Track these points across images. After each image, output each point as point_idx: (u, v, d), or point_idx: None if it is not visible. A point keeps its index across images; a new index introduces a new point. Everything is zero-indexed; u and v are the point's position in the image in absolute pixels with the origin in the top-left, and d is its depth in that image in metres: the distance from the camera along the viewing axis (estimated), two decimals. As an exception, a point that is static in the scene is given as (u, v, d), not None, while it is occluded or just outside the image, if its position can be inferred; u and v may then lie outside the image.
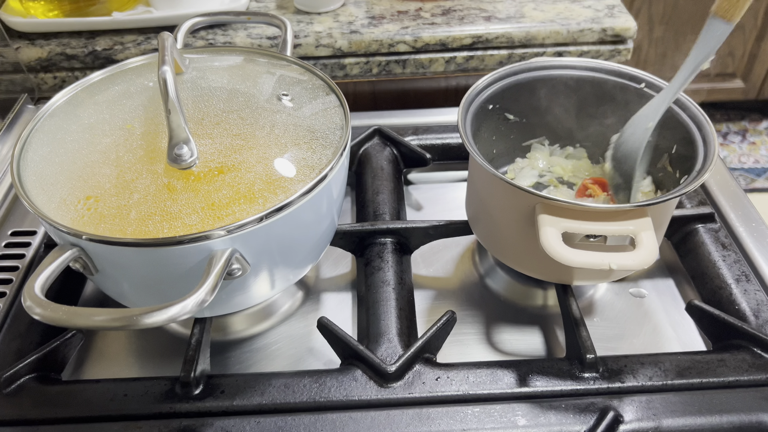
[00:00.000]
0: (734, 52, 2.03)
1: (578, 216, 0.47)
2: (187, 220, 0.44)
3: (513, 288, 0.61)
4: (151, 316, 0.38)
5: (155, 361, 0.56)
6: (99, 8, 0.85)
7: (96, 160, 0.48)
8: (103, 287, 0.51)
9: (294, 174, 0.48)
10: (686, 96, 0.55)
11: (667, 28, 1.97)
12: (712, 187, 0.68)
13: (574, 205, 0.47)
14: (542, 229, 0.47)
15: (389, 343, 0.52)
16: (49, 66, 0.82)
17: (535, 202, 0.48)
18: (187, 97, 0.53)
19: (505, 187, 0.50)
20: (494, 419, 0.48)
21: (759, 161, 2.15)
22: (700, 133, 0.53)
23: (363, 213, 0.65)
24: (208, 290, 0.40)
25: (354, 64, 0.83)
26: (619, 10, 0.86)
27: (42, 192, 0.47)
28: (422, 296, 0.61)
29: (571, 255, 0.45)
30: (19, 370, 0.50)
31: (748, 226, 0.63)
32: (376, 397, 0.49)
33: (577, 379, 0.50)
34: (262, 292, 0.52)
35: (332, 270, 0.64)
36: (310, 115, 0.53)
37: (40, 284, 0.41)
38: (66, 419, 0.49)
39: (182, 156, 0.46)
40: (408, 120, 0.79)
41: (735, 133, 2.25)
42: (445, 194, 0.73)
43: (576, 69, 0.60)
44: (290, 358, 0.56)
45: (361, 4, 0.89)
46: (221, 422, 0.48)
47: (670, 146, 0.57)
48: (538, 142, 0.65)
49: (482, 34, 0.83)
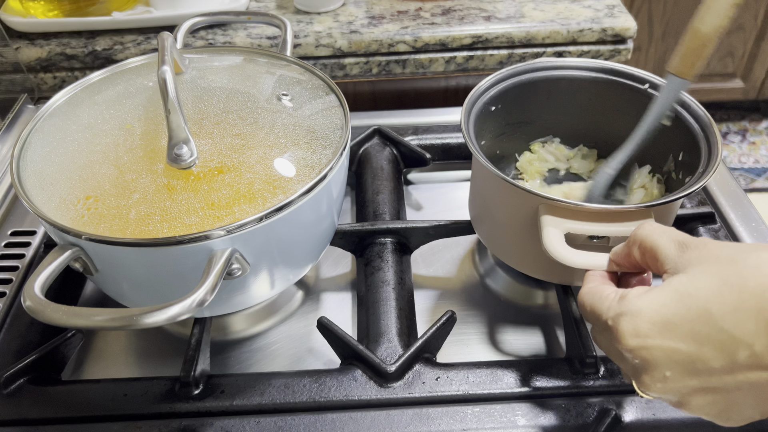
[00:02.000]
0: (734, 52, 2.03)
1: (581, 217, 0.47)
2: (186, 220, 0.44)
3: (513, 288, 0.61)
4: (151, 316, 0.38)
5: (155, 361, 0.56)
6: (99, 8, 0.85)
7: (96, 160, 0.48)
8: (103, 287, 0.51)
9: (294, 174, 0.48)
10: (690, 96, 0.55)
11: (667, 28, 1.97)
12: (712, 187, 0.68)
13: (577, 206, 0.47)
14: (545, 230, 0.47)
15: (389, 343, 0.52)
16: (49, 66, 0.82)
17: (538, 203, 0.48)
18: (187, 97, 0.53)
19: (509, 188, 0.50)
20: (494, 419, 0.48)
21: (759, 161, 2.15)
22: (704, 133, 0.53)
23: (363, 213, 0.65)
24: (208, 290, 0.40)
25: (354, 64, 0.83)
26: (619, 10, 0.86)
27: (42, 192, 0.47)
28: (422, 296, 0.61)
29: (573, 256, 0.45)
30: (19, 370, 0.50)
31: (748, 226, 0.63)
32: (376, 397, 0.49)
33: (577, 379, 0.50)
34: (262, 292, 0.52)
35: (332, 270, 0.64)
36: (309, 115, 0.53)
37: (40, 284, 0.41)
38: (66, 419, 0.49)
39: (182, 156, 0.46)
40: (408, 120, 0.79)
41: (735, 133, 2.25)
42: (445, 194, 0.73)
43: (579, 69, 0.61)
44: (290, 358, 0.56)
45: (361, 4, 0.89)
46: (221, 422, 0.48)
47: (674, 147, 0.57)
48: (545, 141, 0.66)
49: (482, 34, 0.83)
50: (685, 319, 0.34)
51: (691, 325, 0.33)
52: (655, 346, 0.35)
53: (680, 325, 0.34)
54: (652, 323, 0.35)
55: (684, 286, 0.35)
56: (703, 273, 0.35)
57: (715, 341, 0.33)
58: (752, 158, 2.17)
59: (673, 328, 0.34)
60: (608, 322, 0.37)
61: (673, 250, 0.37)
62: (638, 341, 0.35)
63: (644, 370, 0.36)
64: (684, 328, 0.34)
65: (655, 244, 0.38)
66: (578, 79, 0.61)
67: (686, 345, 0.34)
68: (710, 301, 0.33)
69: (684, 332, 0.34)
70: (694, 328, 0.33)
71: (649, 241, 0.39)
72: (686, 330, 0.34)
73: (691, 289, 0.34)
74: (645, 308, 0.35)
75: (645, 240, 0.39)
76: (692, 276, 0.35)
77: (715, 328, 0.33)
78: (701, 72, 0.50)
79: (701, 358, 0.33)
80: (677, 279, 0.35)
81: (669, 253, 0.37)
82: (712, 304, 0.33)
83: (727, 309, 0.33)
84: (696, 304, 0.34)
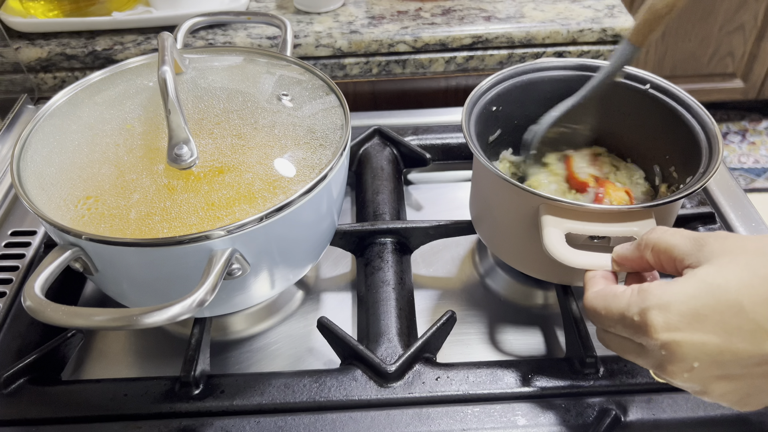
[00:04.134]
0: (734, 52, 2.03)
1: (582, 217, 0.47)
2: (186, 220, 0.44)
3: (513, 288, 0.61)
4: (151, 316, 0.38)
5: (155, 361, 0.56)
6: (99, 8, 0.85)
7: (96, 160, 0.48)
8: (103, 287, 0.51)
9: (294, 174, 0.48)
10: (690, 96, 0.55)
11: (667, 28, 1.97)
12: (712, 187, 0.68)
13: (578, 206, 0.47)
14: (545, 230, 0.47)
15: (389, 343, 0.52)
16: (49, 66, 0.82)
17: (539, 203, 0.48)
18: (187, 97, 0.53)
19: (510, 188, 0.50)
20: (494, 419, 0.48)
21: (759, 161, 2.15)
22: (705, 133, 0.53)
23: (363, 213, 0.65)
24: (208, 290, 0.40)
25: (354, 64, 0.83)
26: (619, 10, 0.86)
27: (42, 192, 0.47)
28: (422, 296, 0.61)
29: (573, 256, 0.45)
30: (19, 370, 0.50)
31: (748, 226, 0.63)
32: (376, 397, 0.49)
33: (577, 379, 0.50)
34: (262, 292, 0.52)
35: (332, 270, 0.64)
36: (310, 115, 0.53)
37: (40, 284, 0.41)
38: (66, 419, 0.49)
39: (182, 156, 0.46)
40: (408, 120, 0.79)
41: (735, 133, 2.25)
42: (445, 194, 0.73)
43: (579, 70, 0.60)
44: (290, 358, 0.56)
45: (361, 4, 0.89)
46: (221, 422, 0.48)
47: (675, 147, 0.57)
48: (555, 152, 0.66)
49: (482, 34, 0.83)
50: (716, 310, 0.34)
51: (721, 316, 0.34)
52: (685, 339, 0.34)
53: (710, 316, 0.34)
54: (683, 315, 0.34)
55: (712, 277, 0.35)
56: (731, 264, 0.35)
57: (745, 332, 0.33)
58: (752, 158, 2.17)
59: (704, 320, 0.34)
60: (634, 318, 0.36)
61: (690, 246, 0.37)
62: (670, 335, 0.35)
63: (671, 362, 0.36)
64: (714, 319, 0.34)
65: (670, 244, 0.38)
66: (580, 79, 0.61)
67: (717, 336, 0.34)
68: (741, 293, 0.33)
69: (715, 323, 0.34)
70: (725, 318, 0.33)
71: (663, 243, 0.39)
72: (717, 321, 0.34)
73: (719, 280, 0.34)
74: (674, 300, 0.35)
75: (658, 243, 0.39)
76: (720, 267, 0.35)
77: (746, 320, 0.33)
78: (652, 42, 0.54)
79: (731, 349, 0.34)
80: (704, 270, 0.35)
81: (686, 249, 0.37)
82: (743, 295, 0.33)
83: (758, 300, 0.33)
84: (726, 296, 0.34)
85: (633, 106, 0.59)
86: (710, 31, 1.98)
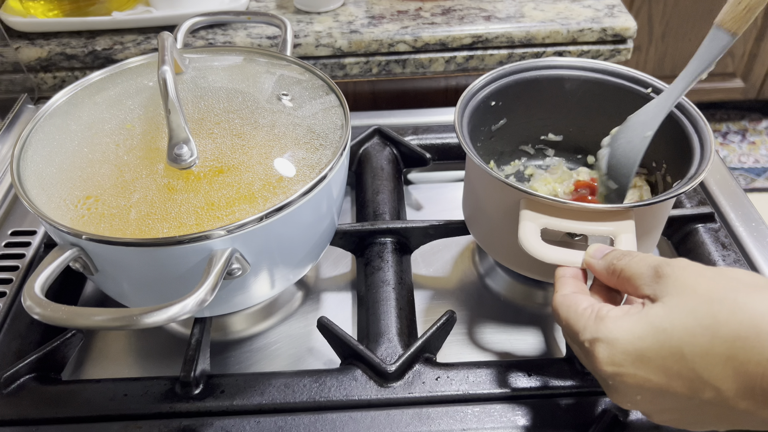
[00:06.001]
0: (734, 52, 2.03)
1: (559, 213, 0.47)
2: (186, 220, 0.44)
3: (513, 288, 0.61)
4: (151, 316, 0.38)
5: (155, 361, 0.56)
6: (99, 8, 0.85)
7: (96, 159, 0.48)
8: (103, 287, 0.51)
9: (294, 174, 0.48)
10: (684, 97, 0.55)
11: (667, 28, 1.97)
12: (712, 187, 0.68)
13: (557, 203, 0.47)
14: (521, 224, 0.47)
15: (389, 342, 0.52)
16: (48, 66, 0.82)
17: (519, 197, 0.49)
18: (187, 97, 0.53)
19: (494, 183, 0.50)
20: (494, 419, 0.48)
21: (759, 161, 2.15)
22: (697, 134, 0.53)
23: (363, 213, 0.65)
24: (208, 290, 0.40)
25: (354, 64, 0.83)
26: (619, 10, 0.86)
27: (42, 192, 0.47)
28: (422, 296, 0.61)
29: (544, 250, 0.46)
30: (19, 370, 0.50)
31: (748, 225, 0.63)
32: (376, 396, 0.49)
33: (577, 379, 0.50)
34: (262, 291, 0.52)
35: (332, 270, 0.64)
36: (310, 114, 0.53)
37: (40, 284, 0.41)
38: (66, 419, 0.49)
39: (182, 156, 0.46)
40: (408, 120, 0.79)
41: (735, 133, 2.25)
42: (444, 194, 0.73)
43: (577, 69, 0.60)
44: (290, 358, 0.56)
45: (361, 4, 0.89)
46: (221, 422, 0.48)
47: (665, 147, 0.57)
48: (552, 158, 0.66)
49: (482, 34, 0.83)
50: (659, 354, 0.35)
51: (663, 361, 0.35)
52: (628, 374, 0.36)
53: (653, 359, 0.36)
54: (627, 354, 0.36)
55: (660, 320, 0.36)
56: (677, 308, 0.36)
57: (684, 378, 0.35)
58: (752, 158, 2.17)
59: (647, 362, 0.36)
60: (585, 344, 0.39)
61: (650, 277, 0.39)
62: (613, 369, 0.37)
63: (616, 391, 0.38)
64: (656, 362, 0.36)
65: (633, 273, 0.40)
66: (578, 79, 0.61)
67: (657, 377, 0.36)
68: (683, 341, 0.35)
69: (656, 366, 0.36)
70: (666, 363, 0.35)
71: (628, 271, 0.40)
72: (658, 364, 0.35)
73: (666, 324, 0.36)
74: (621, 338, 0.37)
75: (624, 270, 0.41)
76: (669, 310, 0.36)
77: (686, 368, 0.35)
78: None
79: (670, 390, 0.36)
80: (654, 311, 0.37)
81: (646, 279, 0.39)
82: (685, 344, 0.35)
83: (698, 351, 0.34)
84: (669, 342, 0.35)
85: (633, 109, 0.59)
86: (710, 30, 1.98)
